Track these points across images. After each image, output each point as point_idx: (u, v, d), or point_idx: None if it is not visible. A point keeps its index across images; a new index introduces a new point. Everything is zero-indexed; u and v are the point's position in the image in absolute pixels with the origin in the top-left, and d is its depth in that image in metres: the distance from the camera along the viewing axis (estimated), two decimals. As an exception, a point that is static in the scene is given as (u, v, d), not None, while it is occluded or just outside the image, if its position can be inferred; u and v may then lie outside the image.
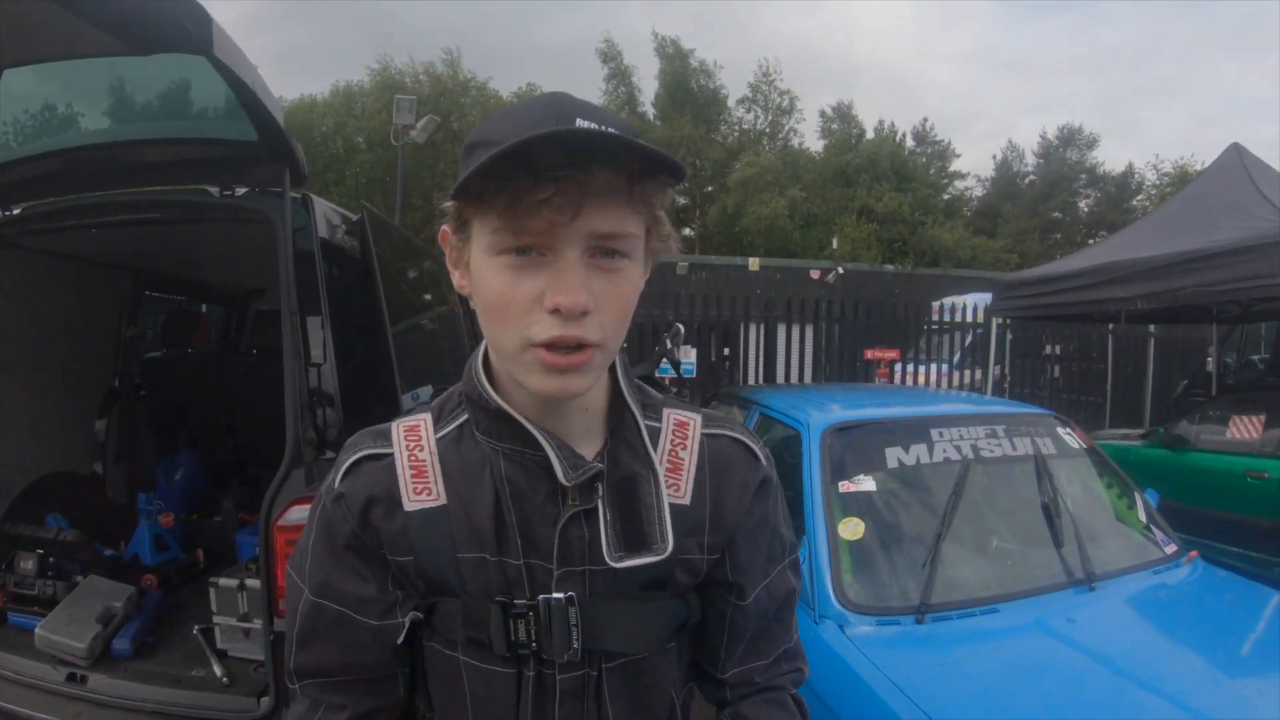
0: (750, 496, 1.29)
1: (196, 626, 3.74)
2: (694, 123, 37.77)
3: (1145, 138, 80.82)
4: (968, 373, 12.90)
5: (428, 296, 5.27)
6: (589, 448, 1.20)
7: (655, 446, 1.23)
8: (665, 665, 1.26)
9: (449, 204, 1.09)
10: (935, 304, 13.60)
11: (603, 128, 0.99)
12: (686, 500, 1.22)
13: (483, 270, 1.07)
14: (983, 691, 2.54)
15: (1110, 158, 67.26)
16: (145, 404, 5.41)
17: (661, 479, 1.19)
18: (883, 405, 4.12)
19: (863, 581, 3.09)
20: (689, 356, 9.96)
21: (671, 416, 1.28)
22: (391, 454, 1.22)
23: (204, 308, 6.72)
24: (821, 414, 3.73)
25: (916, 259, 35.22)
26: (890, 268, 29.73)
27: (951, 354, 13.05)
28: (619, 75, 38.99)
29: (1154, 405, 12.87)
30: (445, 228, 1.15)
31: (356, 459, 1.23)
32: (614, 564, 1.14)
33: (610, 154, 0.99)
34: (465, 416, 1.23)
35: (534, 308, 1.03)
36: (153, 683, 3.44)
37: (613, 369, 1.23)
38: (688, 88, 38.75)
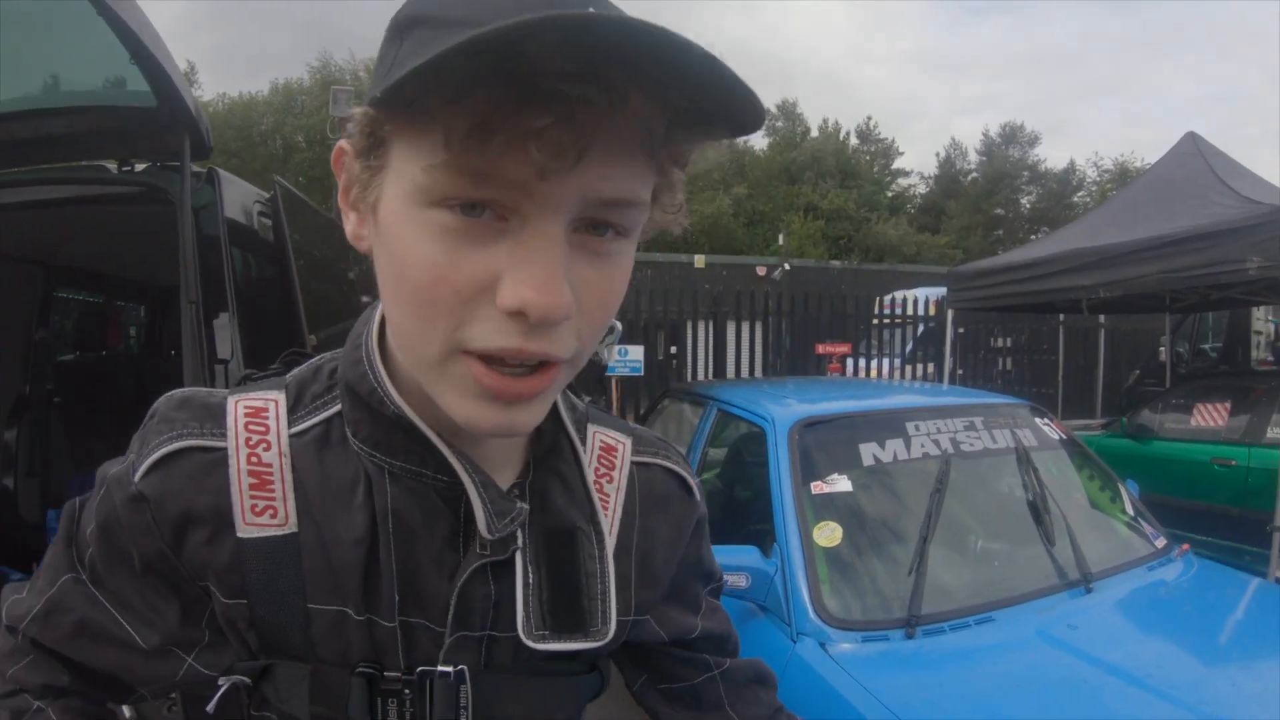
0: (685, 542, 1.04)
1: None
2: (636, 122, 37.89)
3: (1084, 135, 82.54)
4: (919, 367, 12.81)
5: (355, 280, 4.96)
6: (505, 476, 0.88)
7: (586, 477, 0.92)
8: None
9: (359, 109, 0.69)
10: (885, 298, 13.50)
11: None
12: (612, 541, 0.93)
13: (403, 225, 0.67)
14: (988, 712, 2.26)
15: (1051, 155, 68.16)
16: (59, 411, 5.02)
17: (607, 535, 0.90)
18: (849, 398, 3.85)
19: (844, 593, 2.77)
20: (637, 356, 9.70)
21: (598, 437, 0.99)
22: (225, 449, 0.82)
23: (119, 307, 6.34)
24: (787, 408, 3.43)
25: (862, 255, 35.53)
26: (836, 263, 29.86)
27: (901, 348, 12.95)
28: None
29: (1105, 396, 12.84)
30: (343, 144, 0.76)
31: (171, 451, 0.82)
32: (531, 643, 0.84)
33: (660, 69, 0.58)
34: (337, 408, 0.86)
35: (479, 298, 0.66)
36: None
37: None
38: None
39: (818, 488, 2.98)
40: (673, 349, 12.20)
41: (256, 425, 0.84)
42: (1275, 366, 9.69)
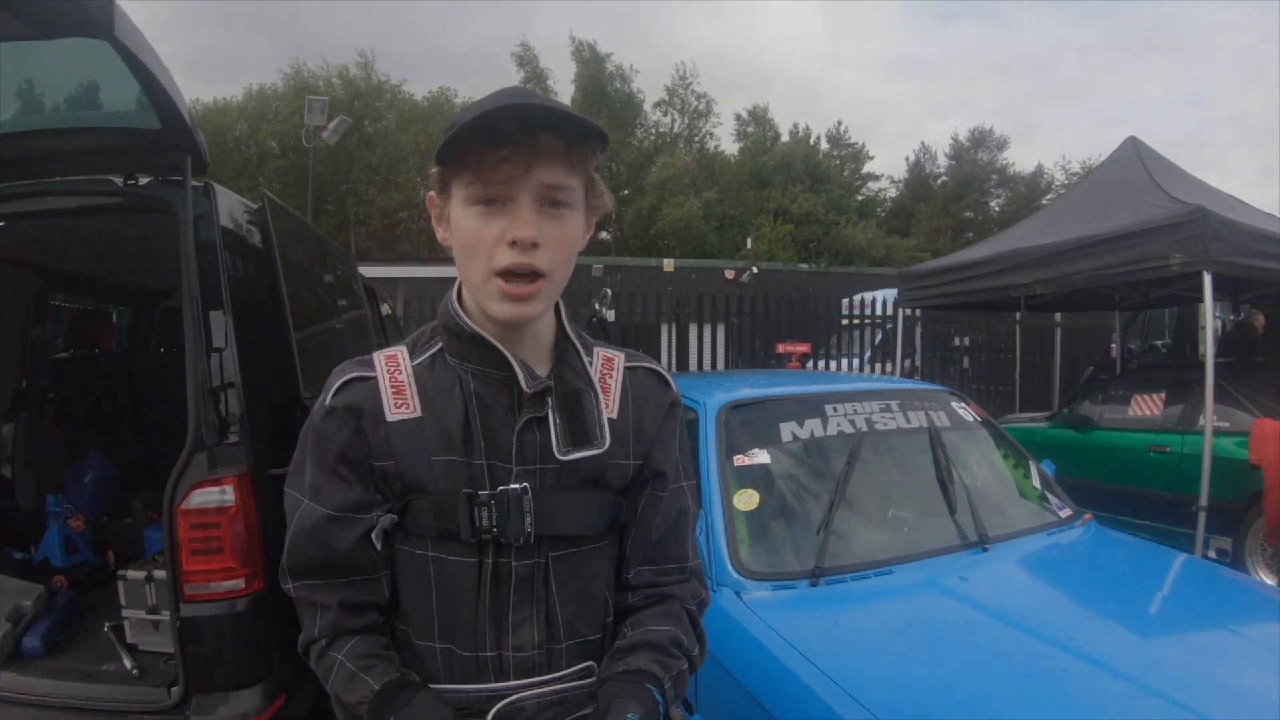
0: (664, 414, 1.56)
1: (107, 623, 3.70)
2: (610, 126, 37.80)
3: (1053, 139, 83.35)
4: (879, 367, 13.13)
5: (335, 284, 5.23)
6: (540, 369, 1.43)
7: (591, 371, 1.48)
8: (601, 562, 1.48)
9: (433, 170, 1.37)
10: (846, 300, 13.82)
11: (549, 106, 1.27)
12: (615, 415, 1.47)
13: (459, 218, 1.33)
14: (876, 645, 2.62)
15: (1020, 159, 68.83)
16: (53, 406, 5.30)
17: (599, 392, 1.46)
18: (777, 385, 4.18)
19: (758, 550, 3.13)
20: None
21: (600, 353, 1.54)
22: (375, 376, 1.42)
23: (111, 309, 6.60)
24: (718, 394, 3.79)
25: (831, 258, 35.72)
26: (805, 267, 30.12)
27: (863, 349, 13.26)
28: (535, 79, 38.99)
29: (1062, 391, 13.16)
30: (430, 193, 1.42)
31: (346, 380, 1.43)
32: (561, 457, 1.37)
33: (551, 123, 1.28)
34: (438, 346, 1.45)
35: (497, 243, 1.30)
36: (64, 678, 3.38)
37: (558, 310, 1.49)
38: (604, 91, 38.97)
39: (739, 460, 3.37)
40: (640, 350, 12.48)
41: (392, 362, 1.44)
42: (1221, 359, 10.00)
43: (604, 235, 40.91)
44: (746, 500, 3.25)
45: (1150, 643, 2.73)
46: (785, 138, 44.16)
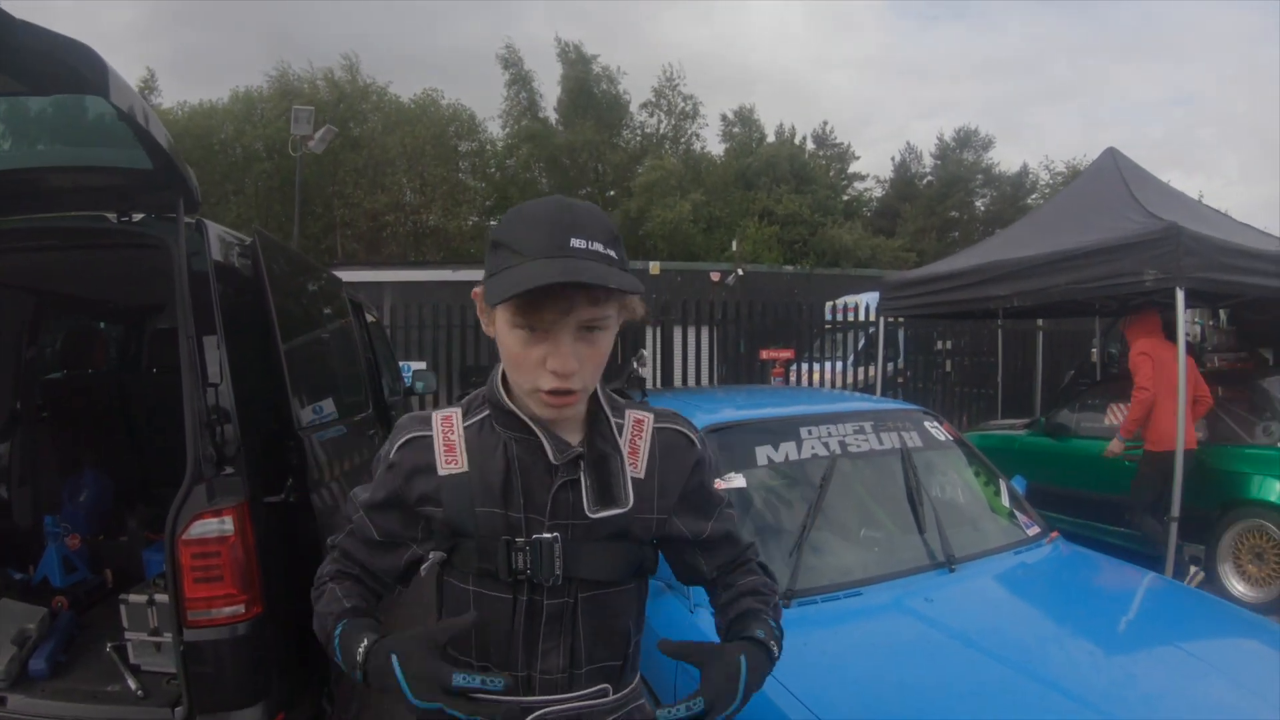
0: (689, 471, 1.73)
1: (109, 644, 3.78)
2: (596, 128, 37.94)
3: (1038, 139, 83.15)
4: (863, 370, 13.25)
5: (325, 312, 5.33)
6: (574, 438, 1.62)
7: (620, 435, 1.65)
8: (625, 602, 1.68)
9: (478, 289, 1.51)
10: (830, 304, 13.92)
11: (589, 244, 1.41)
12: (642, 474, 1.65)
13: (505, 335, 1.48)
14: (842, 667, 2.74)
15: (1005, 159, 68.68)
16: (47, 426, 5.37)
17: (625, 457, 1.63)
18: (756, 407, 4.30)
19: (735, 572, 3.26)
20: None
21: (632, 415, 1.71)
22: (430, 435, 1.64)
23: (102, 326, 6.68)
24: (696, 417, 3.82)
25: (817, 259, 35.75)
26: (790, 268, 30.22)
27: (847, 353, 13.37)
28: (520, 81, 38.98)
29: (1044, 396, 13.28)
30: (478, 290, 1.53)
31: (407, 439, 1.66)
32: (592, 515, 1.57)
33: (591, 280, 1.38)
34: (487, 412, 1.64)
35: (539, 366, 1.45)
36: (70, 700, 3.48)
37: None
38: (590, 93, 38.90)
39: (716, 484, 3.46)
40: (643, 352, 12.54)
41: (447, 423, 1.66)
42: (1204, 368, 10.13)
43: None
44: None
45: (1109, 666, 2.82)
46: (771, 138, 44.22)
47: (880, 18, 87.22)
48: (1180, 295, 6.19)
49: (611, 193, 39.85)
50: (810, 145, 46.41)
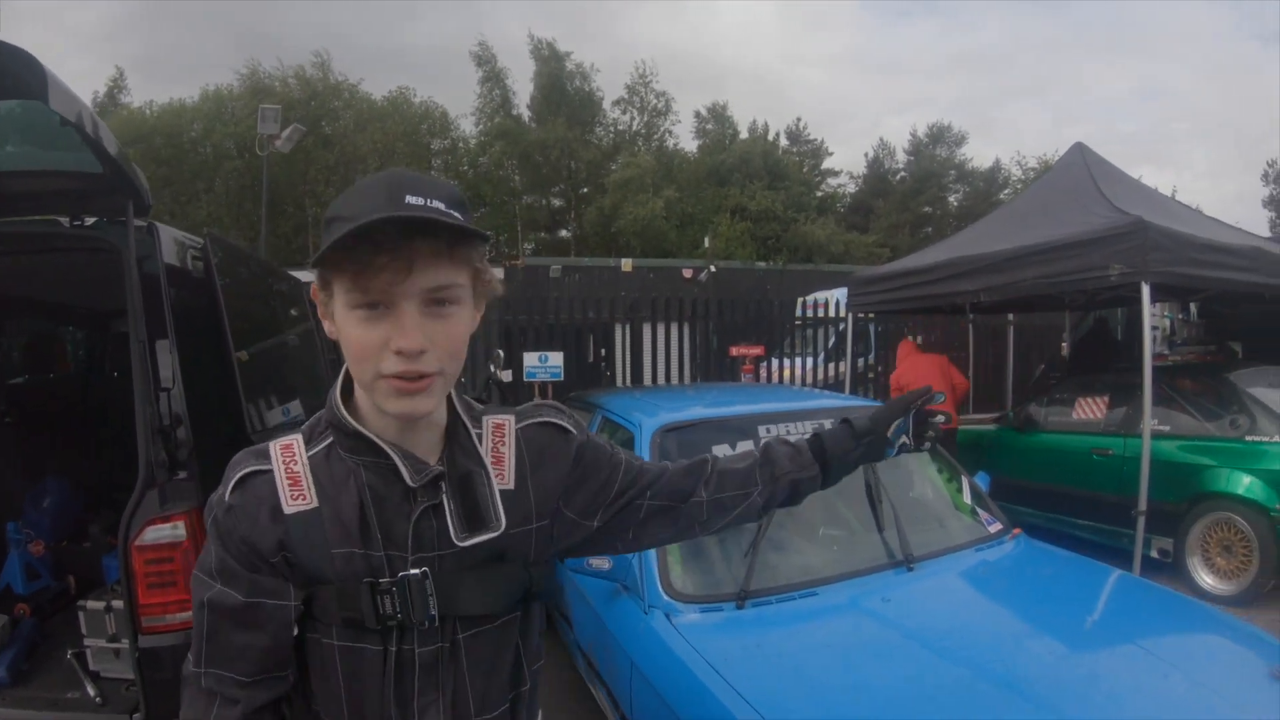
0: (570, 462, 1.58)
1: (70, 651, 3.77)
2: (569, 125, 37.85)
3: (1011, 135, 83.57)
4: (834, 366, 13.26)
5: (283, 315, 5.28)
6: (433, 456, 1.43)
7: (481, 446, 1.47)
8: (511, 635, 1.50)
9: (315, 270, 1.34)
10: (801, 300, 13.92)
11: (427, 201, 1.25)
12: (511, 485, 1.48)
13: (344, 321, 1.30)
14: (793, 668, 2.72)
15: (978, 154, 69.14)
16: (11, 430, 5.32)
17: (491, 472, 1.45)
18: (716, 405, 4.28)
19: (689, 573, 3.25)
20: (557, 362, 10.20)
21: (490, 421, 1.53)
22: (271, 470, 1.42)
23: (65, 332, 6.60)
24: (654, 416, 3.90)
25: (790, 255, 35.83)
26: (762, 265, 30.26)
27: (817, 350, 13.37)
28: (493, 78, 38.88)
29: (1015, 389, 13.32)
30: (314, 285, 1.37)
31: (243, 475, 1.43)
32: (460, 544, 1.37)
33: (429, 228, 1.24)
34: (331, 438, 1.43)
35: (383, 349, 1.27)
36: (31, 708, 3.52)
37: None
38: (563, 90, 38.85)
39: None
40: (603, 351, 12.55)
41: (288, 453, 1.43)
42: (1170, 360, 10.20)
43: (564, 233, 40.99)
44: None
45: (1066, 665, 2.80)
46: (745, 135, 44.30)
47: (853, 14, 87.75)
48: (1146, 290, 6.21)
49: (585, 190, 39.86)
50: (784, 141, 46.58)
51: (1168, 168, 78.37)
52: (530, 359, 10.51)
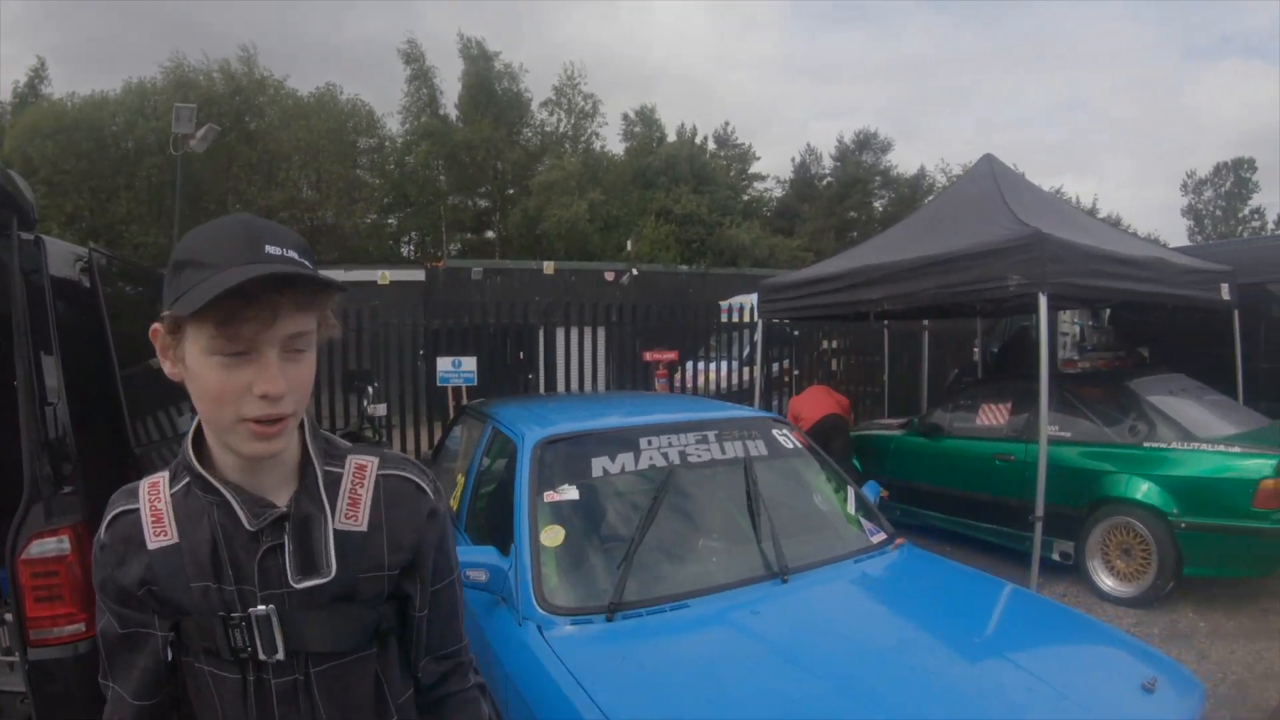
0: (422, 523, 1.59)
1: None
2: (496, 125, 37.61)
3: (937, 142, 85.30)
4: (750, 371, 13.33)
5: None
6: (284, 495, 1.48)
7: (338, 488, 1.53)
8: (367, 669, 1.53)
9: (168, 314, 1.34)
10: (723, 304, 13.97)
11: (284, 251, 1.34)
12: (364, 528, 1.51)
13: (201, 366, 1.33)
14: (653, 680, 2.73)
15: (903, 161, 70.10)
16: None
17: (329, 518, 1.49)
18: (602, 417, 4.29)
19: (563, 585, 3.25)
20: (470, 367, 10.16)
21: (353, 461, 1.57)
22: (138, 508, 1.50)
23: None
24: (538, 428, 3.90)
25: (714, 259, 35.96)
26: (685, 268, 30.36)
27: (739, 352, 13.44)
28: (421, 76, 38.46)
29: (930, 394, 13.51)
30: (158, 326, 1.38)
31: (114, 515, 1.52)
32: (294, 585, 1.43)
33: (297, 282, 1.31)
34: (189, 478, 1.48)
35: (244, 394, 1.32)
36: None
37: (301, 429, 1.53)
38: (491, 90, 38.56)
39: (549, 496, 3.50)
40: (522, 355, 12.50)
41: (153, 491, 1.51)
42: (1080, 366, 10.42)
43: (489, 235, 40.74)
44: (553, 536, 3.37)
45: (931, 678, 2.81)
46: (673, 138, 44.40)
47: (785, 19, 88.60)
48: (1043, 300, 6.32)
49: (511, 191, 39.62)
50: (712, 145, 46.79)
51: (1089, 177, 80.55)
52: (443, 363, 10.45)
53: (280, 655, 1.43)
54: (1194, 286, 8.20)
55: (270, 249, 1.32)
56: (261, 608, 1.42)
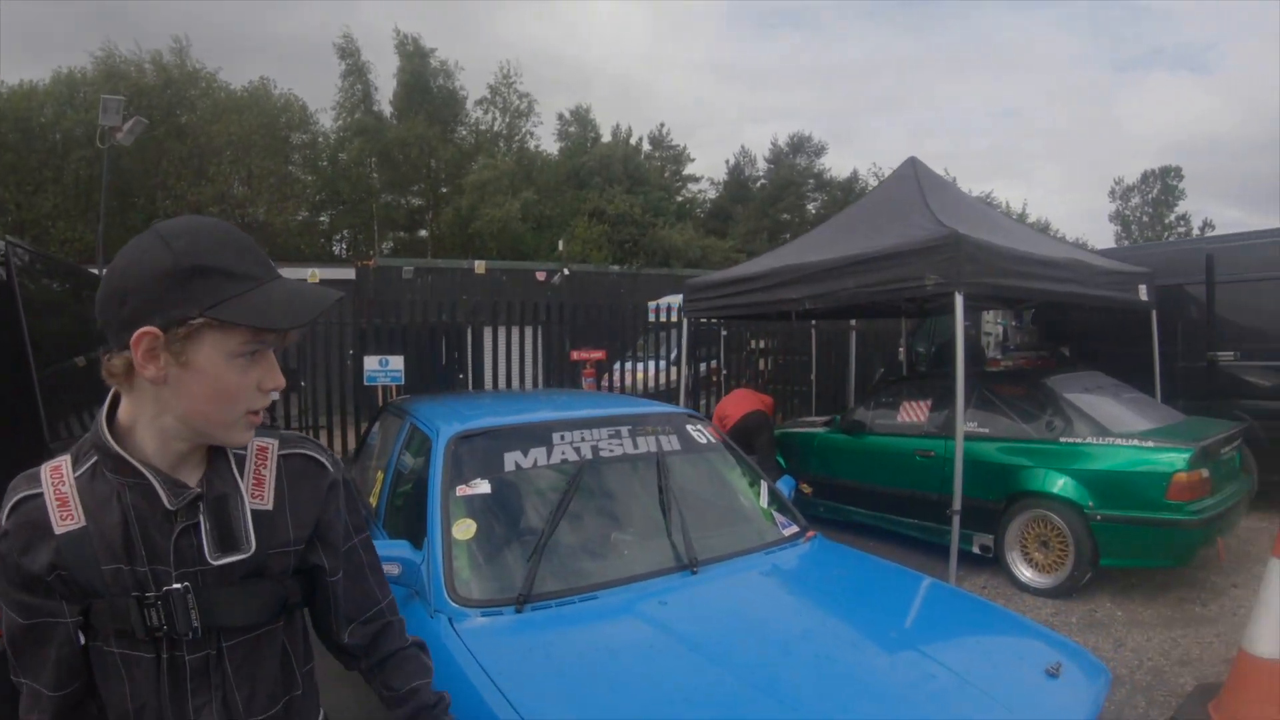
0: (323, 496, 1.67)
1: None
2: (430, 123, 37.36)
3: (870, 146, 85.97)
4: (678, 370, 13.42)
5: (83, 319, 5.18)
6: (194, 476, 1.52)
7: (243, 468, 1.58)
8: (275, 642, 1.61)
9: (204, 319, 1.38)
10: (652, 304, 14.03)
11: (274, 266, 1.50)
12: (270, 506, 1.57)
13: (222, 368, 1.42)
14: (560, 670, 2.76)
15: (837, 165, 70.62)
16: None
17: (245, 496, 1.55)
18: (518, 413, 4.30)
19: (474, 578, 3.27)
20: (398, 366, 10.18)
21: (254, 443, 1.61)
22: (41, 493, 1.49)
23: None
24: (452, 423, 3.91)
25: (646, 259, 36.03)
26: (616, 268, 30.37)
27: (669, 352, 13.50)
28: (356, 72, 38.05)
29: (857, 393, 13.65)
30: (153, 329, 1.37)
31: (16, 500, 1.50)
32: (213, 562, 1.48)
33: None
34: (96, 458, 1.50)
35: (253, 390, 1.47)
36: None
37: None
38: (426, 87, 38.32)
39: (462, 490, 3.52)
40: (455, 354, 12.46)
41: (56, 475, 1.50)
42: (1003, 365, 10.60)
43: (422, 234, 40.46)
44: (464, 530, 3.39)
45: (837, 669, 2.84)
46: (607, 138, 44.46)
47: (721, 22, 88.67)
48: (959, 299, 6.45)
49: (444, 190, 39.37)
50: (646, 146, 46.97)
51: (1019, 183, 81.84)
52: (370, 363, 10.43)
53: (197, 631, 1.47)
54: (1112, 287, 8.46)
55: (270, 264, 1.49)
56: (177, 585, 1.45)
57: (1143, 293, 8.91)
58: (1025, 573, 6.94)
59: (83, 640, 1.49)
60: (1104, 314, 9.16)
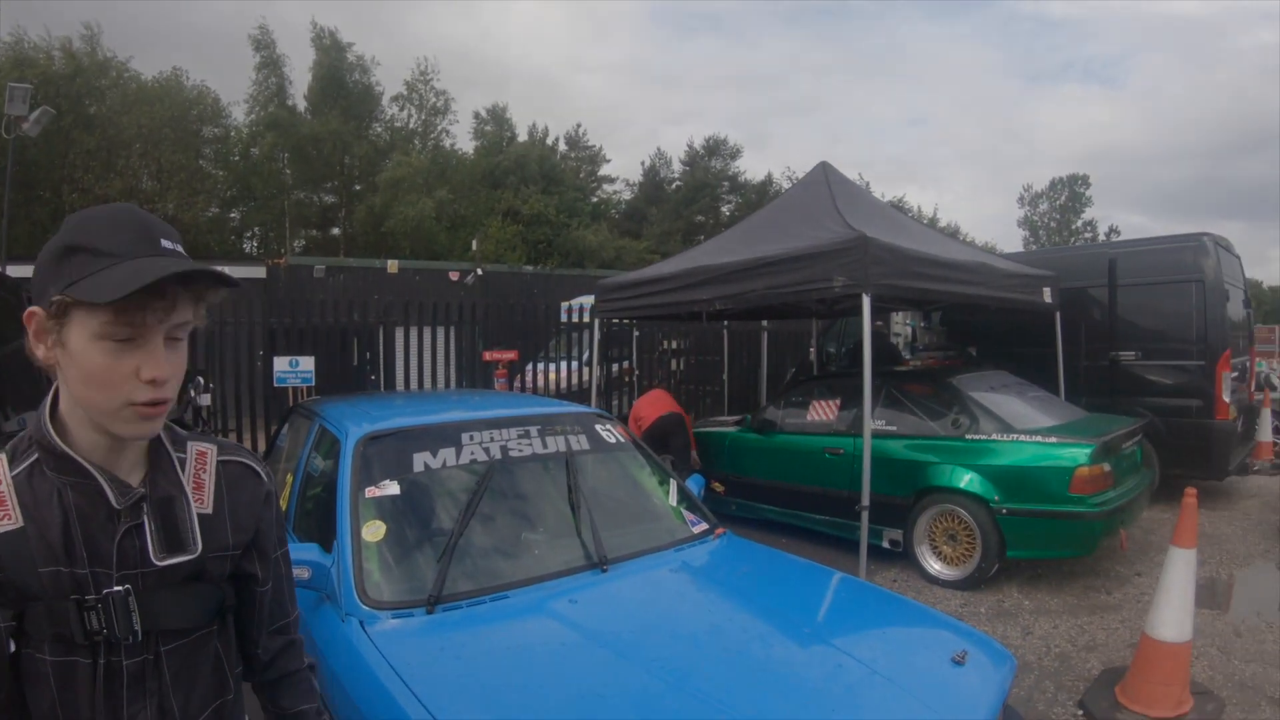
0: (259, 505, 1.69)
1: None
2: (344, 118, 36.87)
3: (784, 150, 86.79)
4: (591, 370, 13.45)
5: (13, 320, 5.09)
6: (136, 477, 1.50)
7: (184, 472, 1.56)
8: (209, 645, 1.60)
9: (61, 297, 1.35)
10: (565, 305, 14.04)
11: (175, 245, 1.42)
12: (210, 510, 1.57)
13: (86, 350, 1.36)
14: (471, 670, 2.77)
15: (751, 167, 71.42)
16: None
17: (190, 497, 1.54)
18: (425, 414, 4.27)
19: (384, 580, 3.26)
20: (309, 367, 10.08)
21: (194, 448, 1.62)
22: None
23: None
24: (361, 424, 3.91)
25: (561, 260, 36.00)
26: (530, 268, 30.31)
27: (582, 352, 13.52)
28: (270, 65, 37.24)
29: (769, 392, 13.77)
30: (36, 310, 1.39)
31: None
32: (159, 563, 1.46)
33: (204, 278, 1.41)
34: (35, 456, 1.45)
35: (132, 379, 1.37)
36: None
37: None
38: (342, 82, 37.80)
39: (371, 491, 3.51)
40: (368, 355, 12.35)
41: None
42: (911, 365, 10.79)
43: (335, 231, 39.93)
44: (374, 531, 3.39)
45: (741, 661, 2.88)
46: (524, 138, 44.36)
47: (640, 25, 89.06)
48: (866, 300, 6.55)
49: (358, 187, 38.88)
50: (563, 146, 46.98)
51: (930, 188, 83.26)
52: (280, 364, 10.27)
53: (138, 635, 1.45)
54: (1017, 290, 8.68)
55: (165, 243, 1.41)
56: (118, 588, 1.43)
57: (1047, 295, 9.14)
58: (934, 566, 7.09)
59: (13, 647, 1.41)
60: (1010, 315, 9.37)
